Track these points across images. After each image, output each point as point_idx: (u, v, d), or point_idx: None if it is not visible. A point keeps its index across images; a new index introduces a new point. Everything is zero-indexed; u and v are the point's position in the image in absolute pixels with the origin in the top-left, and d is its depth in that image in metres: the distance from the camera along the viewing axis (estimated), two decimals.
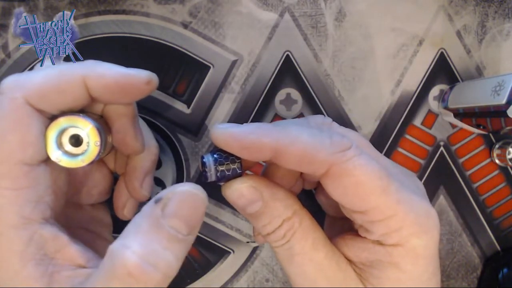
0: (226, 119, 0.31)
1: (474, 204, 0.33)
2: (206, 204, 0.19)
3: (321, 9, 0.31)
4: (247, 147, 0.19)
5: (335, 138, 0.20)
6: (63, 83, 0.20)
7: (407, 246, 0.20)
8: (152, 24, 0.30)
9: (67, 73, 0.20)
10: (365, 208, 0.20)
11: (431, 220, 0.21)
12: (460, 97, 0.30)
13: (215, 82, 0.30)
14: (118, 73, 0.21)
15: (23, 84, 0.19)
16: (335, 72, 0.31)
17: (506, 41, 0.33)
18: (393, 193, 0.20)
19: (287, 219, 0.21)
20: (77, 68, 0.20)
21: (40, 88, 0.19)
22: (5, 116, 0.19)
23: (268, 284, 0.32)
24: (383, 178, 0.20)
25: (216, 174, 0.20)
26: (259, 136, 0.19)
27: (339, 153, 0.19)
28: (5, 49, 0.29)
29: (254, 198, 0.21)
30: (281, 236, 0.21)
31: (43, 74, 0.20)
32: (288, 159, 0.20)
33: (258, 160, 0.21)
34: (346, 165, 0.19)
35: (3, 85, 0.19)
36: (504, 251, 0.33)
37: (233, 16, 0.30)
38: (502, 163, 0.32)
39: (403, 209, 0.20)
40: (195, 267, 0.31)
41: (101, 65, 0.21)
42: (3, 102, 0.19)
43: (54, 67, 0.20)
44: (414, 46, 0.32)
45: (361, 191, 0.20)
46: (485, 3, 0.32)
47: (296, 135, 0.19)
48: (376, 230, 0.21)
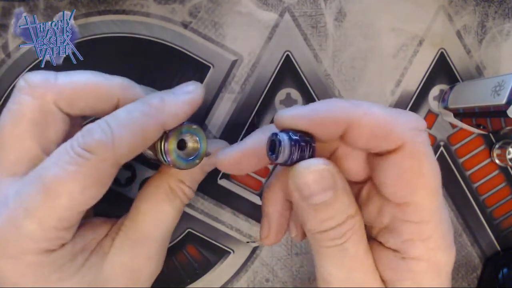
0: (226, 119, 0.31)
1: (474, 204, 0.33)
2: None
3: (321, 9, 0.31)
4: (321, 122, 0.18)
5: (411, 115, 0.19)
6: (147, 134, 0.20)
7: (431, 261, 0.19)
8: (152, 24, 0.30)
9: (148, 123, 0.20)
10: (409, 200, 0.19)
11: (452, 236, 0.20)
12: (460, 97, 0.30)
13: (215, 82, 0.30)
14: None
15: (113, 144, 0.19)
16: (335, 72, 0.31)
17: (506, 41, 0.33)
18: (439, 198, 0.19)
19: (351, 217, 0.19)
20: (155, 115, 0.20)
21: (130, 147, 0.20)
22: (90, 175, 0.19)
23: (268, 284, 0.32)
24: (439, 178, 0.19)
25: (292, 154, 0.18)
26: (332, 110, 0.18)
27: (415, 131, 0.18)
28: (5, 49, 0.29)
29: (328, 186, 0.18)
30: (341, 235, 0.19)
31: (127, 128, 0.20)
32: (362, 132, 0.18)
33: (330, 137, 0.19)
34: (419, 146, 0.18)
35: (92, 145, 0.19)
36: (504, 251, 0.33)
37: (233, 16, 0.30)
38: (502, 163, 0.32)
39: (439, 218, 0.19)
40: (195, 267, 0.31)
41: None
42: (93, 162, 0.19)
43: (129, 117, 0.20)
44: (414, 46, 0.32)
45: (417, 180, 0.18)
46: (485, 3, 0.32)
47: (369, 108, 0.18)
48: (404, 232, 0.19)
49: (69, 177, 0.19)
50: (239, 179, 0.31)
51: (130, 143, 0.19)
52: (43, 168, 0.19)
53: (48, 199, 0.19)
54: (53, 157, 0.19)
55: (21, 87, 0.20)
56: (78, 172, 0.19)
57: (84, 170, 0.19)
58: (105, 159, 0.19)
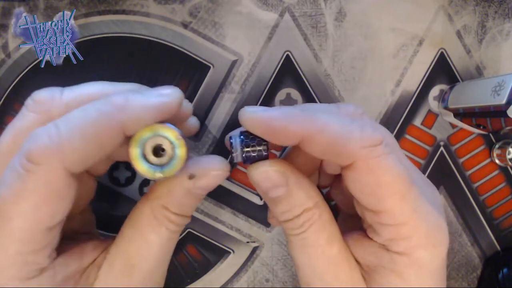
0: (226, 119, 0.31)
1: (474, 204, 0.33)
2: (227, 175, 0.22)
3: (321, 9, 0.31)
4: (274, 132, 0.19)
5: (366, 130, 0.19)
6: (104, 138, 0.17)
7: (412, 257, 0.20)
8: (152, 24, 0.30)
9: (105, 124, 0.17)
10: (379, 209, 0.19)
11: (441, 234, 0.20)
12: (460, 97, 0.30)
13: (215, 82, 0.30)
14: (154, 106, 0.19)
15: (61, 150, 0.16)
16: (335, 72, 0.31)
17: (506, 41, 0.33)
18: (411, 201, 0.19)
19: (308, 209, 0.20)
20: (114, 115, 0.17)
21: (82, 153, 0.17)
22: (39, 190, 0.17)
23: (268, 284, 0.32)
24: (405, 183, 0.19)
25: (242, 156, 0.21)
26: (287, 122, 0.19)
27: (367, 148, 0.19)
28: (5, 49, 0.29)
29: (279, 183, 0.20)
30: (299, 225, 0.21)
31: (79, 130, 0.17)
32: (315, 147, 0.19)
33: (284, 144, 0.20)
34: (372, 162, 0.19)
35: (35, 153, 0.16)
36: (504, 251, 0.33)
37: (233, 16, 0.30)
38: (502, 163, 0.32)
39: (417, 219, 0.19)
40: (195, 267, 0.31)
41: (136, 99, 0.18)
42: (39, 174, 0.16)
43: (83, 117, 0.17)
44: (414, 46, 0.32)
45: (380, 191, 0.19)
46: (485, 3, 0.32)
47: (325, 123, 0.19)
48: (385, 234, 0.20)
49: (16, 197, 0.16)
50: (239, 179, 0.31)
51: (82, 149, 0.17)
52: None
53: (2, 224, 0.17)
54: (3, 174, 0.17)
55: (27, 105, 0.20)
56: (24, 189, 0.16)
57: (31, 186, 0.16)
58: (53, 169, 0.16)
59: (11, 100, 0.29)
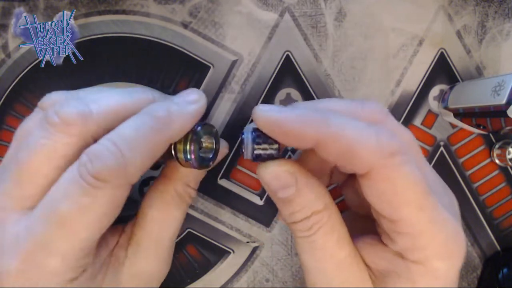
0: (226, 119, 0.31)
1: (474, 204, 0.33)
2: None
3: (321, 9, 0.31)
4: (287, 135, 0.19)
5: (383, 137, 0.18)
6: (157, 152, 0.20)
7: (428, 266, 0.20)
8: (152, 24, 0.30)
9: (158, 140, 0.19)
10: (396, 218, 0.19)
11: (458, 244, 0.20)
12: (460, 97, 0.30)
13: (215, 82, 0.30)
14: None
15: (125, 168, 0.18)
16: (335, 72, 0.31)
17: (506, 41, 0.33)
18: (429, 210, 0.19)
19: (317, 212, 0.20)
20: (164, 131, 0.20)
21: (142, 168, 0.19)
22: (105, 204, 0.18)
23: (268, 284, 0.32)
24: (423, 192, 0.19)
25: (252, 154, 0.20)
26: (301, 126, 0.18)
27: (384, 157, 0.18)
28: (5, 49, 0.29)
29: (288, 183, 0.20)
30: (307, 228, 0.20)
31: (139, 150, 0.19)
32: (329, 153, 0.19)
33: (298, 147, 0.20)
34: (388, 171, 0.18)
35: (104, 173, 0.18)
36: (504, 251, 0.33)
37: (233, 16, 0.30)
38: (502, 163, 0.32)
39: (434, 229, 0.19)
40: (195, 267, 0.31)
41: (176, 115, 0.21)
42: (106, 190, 0.18)
43: (139, 136, 0.19)
44: (414, 46, 0.32)
45: (397, 200, 0.19)
46: (485, 3, 0.32)
47: (340, 129, 0.18)
48: (401, 242, 0.20)
49: (84, 210, 0.18)
50: (239, 179, 0.31)
51: (142, 164, 0.19)
52: (53, 201, 0.18)
53: (67, 235, 0.18)
54: (61, 187, 0.19)
55: (53, 123, 0.19)
56: (94, 203, 0.18)
57: (100, 201, 0.18)
58: (119, 185, 0.18)
59: (11, 100, 0.29)
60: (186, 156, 0.21)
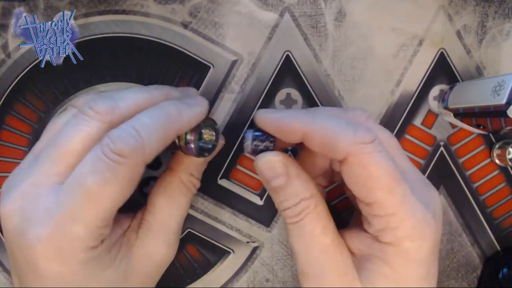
0: (226, 119, 0.31)
1: (474, 204, 0.33)
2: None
3: (321, 9, 0.31)
4: (281, 128, 0.23)
5: (359, 130, 0.21)
6: (168, 138, 0.23)
7: (400, 247, 0.22)
8: (152, 24, 0.30)
9: (170, 128, 0.23)
10: (370, 200, 0.22)
11: (428, 228, 0.22)
12: (460, 97, 0.30)
13: (215, 82, 0.30)
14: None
15: (143, 148, 0.21)
16: (335, 72, 0.31)
17: (506, 41, 0.33)
18: (399, 195, 0.22)
19: (305, 199, 0.23)
20: (174, 122, 0.23)
21: (155, 150, 0.22)
22: (126, 177, 0.21)
23: (268, 284, 0.32)
24: (394, 178, 0.21)
25: (251, 146, 0.24)
26: (291, 121, 0.23)
27: (358, 145, 0.21)
28: (5, 49, 0.29)
29: (280, 172, 0.23)
30: (296, 213, 0.23)
31: (154, 134, 0.22)
32: (314, 142, 0.22)
33: (290, 140, 0.23)
34: (362, 157, 0.21)
35: (125, 150, 0.21)
36: (504, 251, 0.33)
37: (233, 16, 0.30)
38: (502, 163, 0.32)
39: (405, 212, 0.22)
40: (195, 267, 0.31)
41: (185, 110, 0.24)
42: (127, 165, 0.21)
43: (155, 124, 0.22)
44: (414, 46, 0.32)
45: (370, 184, 0.21)
46: (485, 3, 0.32)
47: (323, 123, 0.22)
48: (375, 224, 0.22)
49: (108, 183, 0.21)
50: (239, 179, 0.31)
51: (155, 147, 0.22)
52: (81, 175, 0.21)
53: (91, 205, 0.21)
54: (87, 164, 0.21)
55: (89, 114, 0.22)
56: (116, 177, 0.21)
57: (121, 175, 0.21)
58: (138, 163, 0.21)
59: (11, 100, 0.29)
60: (186, 143, 0.25)
